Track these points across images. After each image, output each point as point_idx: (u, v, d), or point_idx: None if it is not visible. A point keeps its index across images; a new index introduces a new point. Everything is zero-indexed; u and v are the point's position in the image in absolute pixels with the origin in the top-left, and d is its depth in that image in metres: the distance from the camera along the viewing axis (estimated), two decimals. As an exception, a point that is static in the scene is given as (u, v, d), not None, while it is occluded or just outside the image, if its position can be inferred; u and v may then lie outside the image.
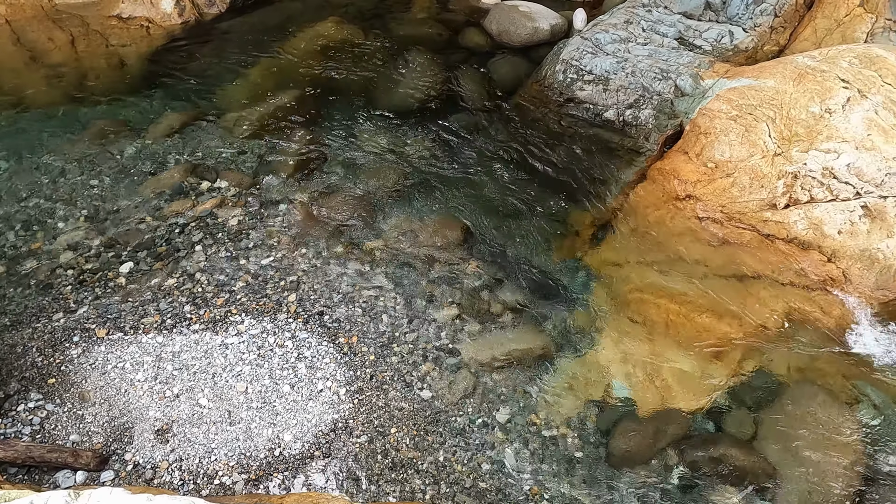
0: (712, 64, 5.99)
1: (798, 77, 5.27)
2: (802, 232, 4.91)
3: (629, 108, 5.98)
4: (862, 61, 5.22)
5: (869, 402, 4.23)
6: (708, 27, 6.55)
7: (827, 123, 5.00)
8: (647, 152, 5.82)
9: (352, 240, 5.11)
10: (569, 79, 6.29)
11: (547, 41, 7.24)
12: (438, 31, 7.60)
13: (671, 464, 3.99)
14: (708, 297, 4.86)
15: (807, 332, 4.66)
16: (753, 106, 5.31)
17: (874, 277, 4.72)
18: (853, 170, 4.85)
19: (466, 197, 5.59)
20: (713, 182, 5.28)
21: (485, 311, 4.70)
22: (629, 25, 6.65)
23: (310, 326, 4.40)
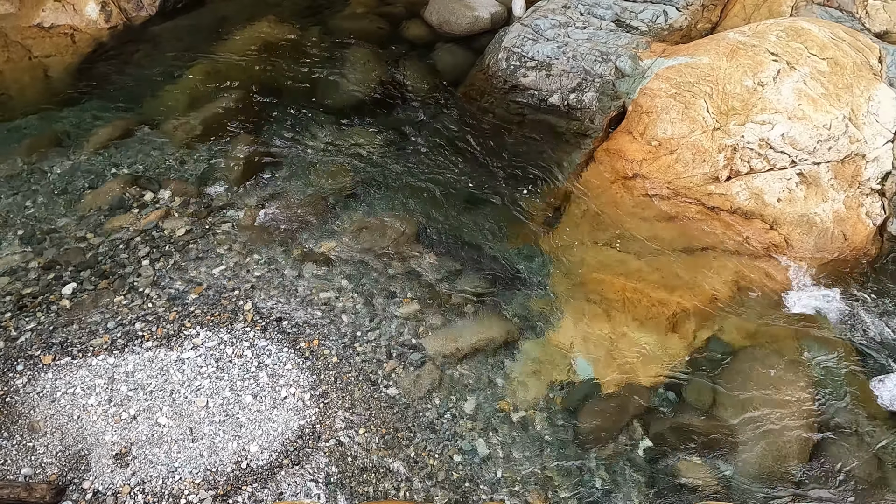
0: (649, 44, 6.12)
1: (731, 52, 5.44)
2: (745, 202, 5.09)
3: (573, 92, 6.05)
4: (789, 34, 5.42)
5: (815, 360, 4.43)
6: (643, 8, 6.68)
7: (760, 96, 5.18)
8: (594, 134, 5.92)
9: (306, 242, 5.03)
10: (512, 66, 6.32)
11: (488, 30, 7.25)
12: (379, 24, 7.52)
13: (637, 437, 4.09)
14: (661, 272, 4.99)
15: (755, 297, 4.85)
16: (691, 83, 5.46)
17: (813, 241, 4.94)
18: (787, 139, 5.04)
19: (419, 191, 5.56)
20: (658, 159, 5.41)
21: (445, 303, 4.70)
22: (567, 10, 6.73)
23: (269, 334, 4.31)
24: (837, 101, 5.04)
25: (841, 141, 4.97)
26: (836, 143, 4.97)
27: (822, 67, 5.16)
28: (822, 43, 5.32)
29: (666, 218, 5.32)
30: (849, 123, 4.98)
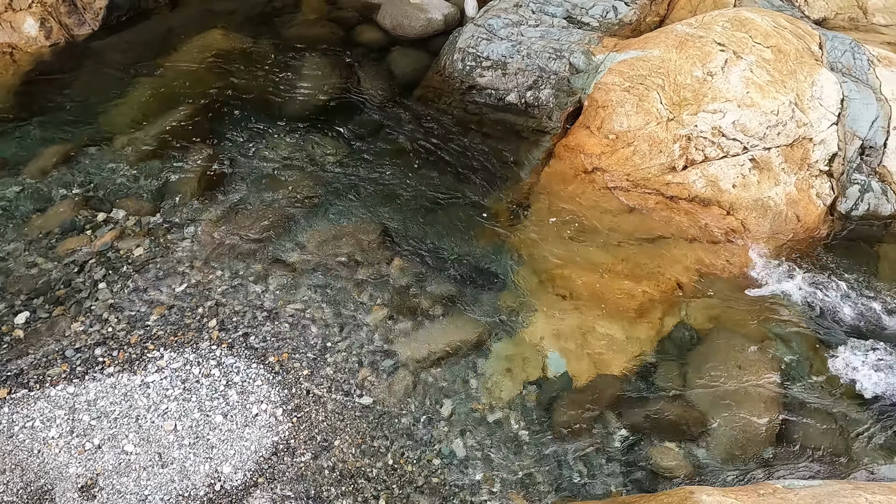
0: (601, 39, 6.21)
1: (680, 44, 5.56)
2: (702, 190, 5.21)
3: (529, 90, 6.10)
4: (733, 24, 5.57)
5: (777, 338, 4.56)
6: (593, 4, 6.78)
7: (710, 86, 5.31)
8: (552, 131, 5.98)
9: (269, 255, 4.94)
10: (468, 66, 6.34)
11: (442, 31, 7.26)
12: (332, 30, 7.45)
13: (612, 427, 4.14)
14: (626, 263, 5.07)
15: (717, 282, 4.96)
16: (643, 76, 5.56)
17: (768, 224, 5.09)
18: (738, 126, 5.18)
19: (382, 196, 5.53)
20: (616, 152, 5.49)
21: (415, 307, 4.68)
22: (519, 9, 6.78)
23: (236, 350, 4.22)
24: (783, 88, 5.20)
25: (789, 126, 5.13)
26: (784, 128, 5.13)
27: (766, 55, 5.32)
28: (766, 31, 5.49)
29: (627, 209, 5.41)
30: (795, 108, 5.14)
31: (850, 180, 5.22)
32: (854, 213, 5.19)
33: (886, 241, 5.21)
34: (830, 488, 2.84)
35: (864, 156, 5.24)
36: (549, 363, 4.48)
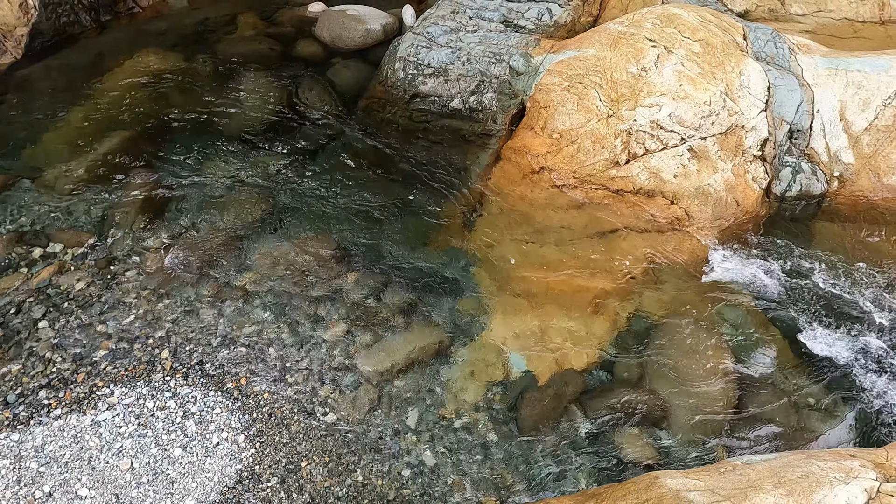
0: (538, 41, 6.33)
1: (613, 42, 5.72)
2: (645, 182, 5.36)
3: (472, 95, 6.16)
4: (662, 21, 5.77)
5: (728, 320, 4.72)
6: (528, 7, 6.91)
7: (645, 81, 5.48)
8: (498, 134, 6.05)
9: (220, 278, 4.81)
10: (410, 75, 6.35)
11: (382, 41, 7.26)
12: (270, 45, 7.35)
13: (577, 421, 4.19)
14: (579, 259, 5.16)
15: (667, 270, 5.11)
16: (581, 75, 5.69)
17: (710, 210, 5.27)
18: (675, 118, 5.36)
19: (333, 210, 5.47)
20: (561, 151, 5.60)
21: (374, 319, 4.64)
22: (456, 15, 6.84)
23: (191, 379, 4.08)
24: (713, 79, 5.41)
25: (721, 115, 5.33)
26: (717, 118, 5.34)
27: (695, 49, 5.53)
28: (693, 26, 5.70)
29: (576, 206, 5.51)
30: (726, 98, 5.36)
31: (782, 163, 5.46)
32: (788, 194, 5.43)
33: (820, 218, 5.47)
34: (785, 459, 2.95)
35: (792, 139, 5.50)
36: (512, 364, 4.51)
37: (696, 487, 2.79)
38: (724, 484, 2.81)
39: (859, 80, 5.50)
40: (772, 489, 2.67)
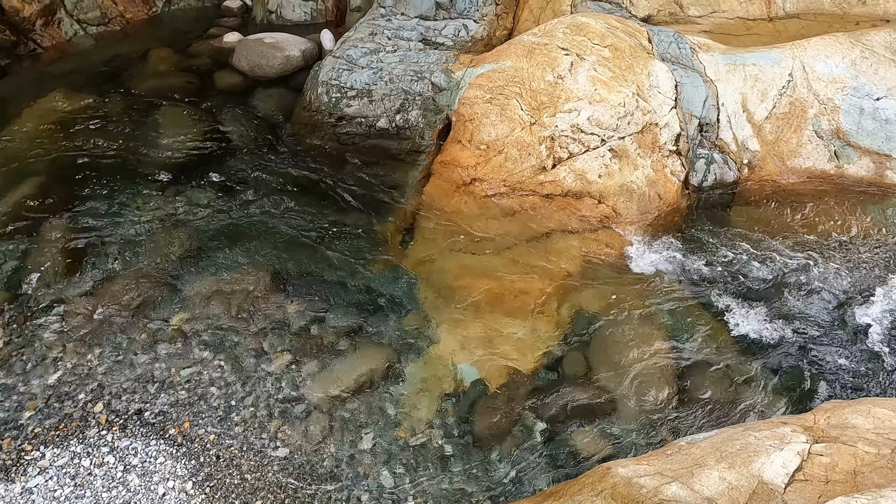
0: (457, 57, 6.48)
1: (528, 53, 5.92)
2: (572, 184, 5.55)
3: (398, 114, 6.22)
4: (573, 30, 6.03)
5: (661, 307, 4.93)
6: (444, 25, 7.07)
7: (563, 88, 5.70)
8: (427, 149, 6.13)
9: (153, 321, 4.62)
10: (333, 98, 6.35)
11: (302, 67, 7.24)
12: (187, 79, 7.19)
13: (530, 424, 4.26)
14: (517, 264, 5.27)
15: (602, 266, 5.29)
16: (501, 86, 5.86)
17: (636, 206, 5.51)
18: (594, 121, 5.59)
19: (266, 240, 5.37)
20: (490, 161, 5.72)
21: (319, 346, 4.57)
22: (375, 37, 6.91)
23: (130, 430, 3.89)
24: (625, 81, 5.69)
25: (636, 115, 5.61)
26: (632, 118, 5.61)
27: (605, 54, 5.80)
28: (601, 33, 5.98)
29: (510, 213, 5.64)
30: (638, 98, 5.64)
31: (696, 155, 5.79)
32: (705, 184, 5.75)
33: (736, 204, 5.80)
34: (725, 434, 3.10)
35: (703, 132, 5.84)
36: (462, 374, 4.54)
37: (646, 472, 2.89)
38: (672, 465, 2.92)
39: (756, 74, 5.90)
40: (715, 464, 2.79)
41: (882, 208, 5.51)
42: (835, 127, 5.75)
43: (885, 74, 5.73)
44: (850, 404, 3.19)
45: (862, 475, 2.59)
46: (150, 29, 8.27)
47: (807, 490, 2.57)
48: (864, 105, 5.69)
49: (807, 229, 5.43)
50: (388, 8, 7.22)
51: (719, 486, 2.67)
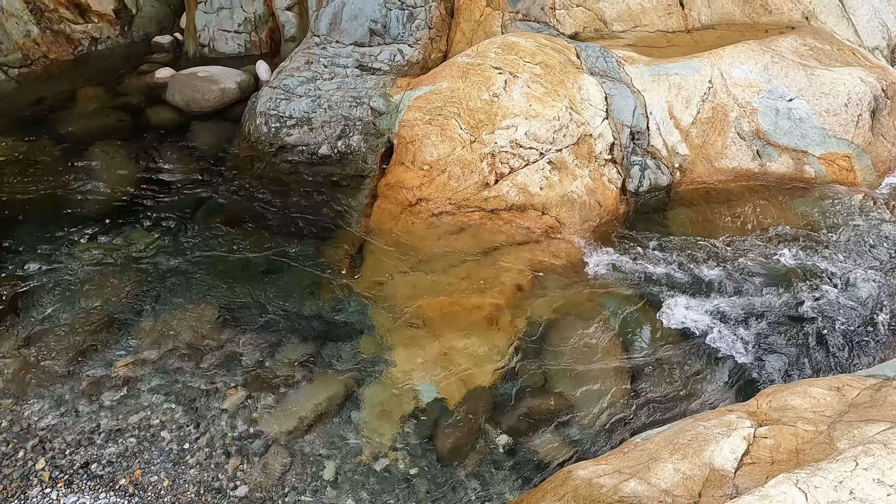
0: (394, 81, 6.58)
1: (463, 74, 6.07)
2: (516, 198, 5.69)
3: (339, 140, 6.25)
4: (504, 49, 6.22)
5: (610, 310, 5.08)
6: (380, 50, 7.17)
7: (499, 105, 5.86)
8: (371, 173, 6.16)
9: (96, 368, 4.44)
10: (273, 128, 6.33)
11: (239, 99, 7.19)
12: (119, 118, 7.03)
13: (493, 437, 4.28)
14: (468, 280, 5.33)
15: (550, 276, 5.41)
16: (440, 107, 5.97)
17: (578, 215, 5.68)
18: (531, 136, 5.76)
19: (213, 274, 5.26)
20: (434, 181, 5.80)
21: (273, 379, 4.48)
22: (311, 65, 6.94)
23: (77, 485, 3.70)
24: (557, 96, 5.90)
25: (571, 127, 5.81)
26: (568, 130, 5.81)
27: (537, 71, 6.01)
28: (532, 51, 6.20)
29: (457, 230, 5.71)
30: (571, 112, 5.85)
31: (631, 162, 6.03)
32: (641, 189, 5.99)
33: (671, 206, 6.06)
34: (677, 427, 3.21)
35: (635, 140, 6.10)
36: (422, 394, 4.53)
37: (605, 472, 2.95)
38: (629, 462, 3.00)
39: (679, 82, 6.23)
40: (669, 457, 2.89)
41: (803, 200, 5.87)
42: (755, 128, 6.11)
43: (794, 77, 6.15)
44: (789, 387, 3.36)
45: (803, 453, 2.73)
46: (76, 69, 8.05)
47: (755, 472, 2.69)
48: (779, 106, 6.08)
49: (737, 225, 5.73)
50: (323, 37, 7.27)
51: (674, 478, 2.76)
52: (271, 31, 8.27)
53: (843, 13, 7.62)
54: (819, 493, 1.96)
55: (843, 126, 6.02)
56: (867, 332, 4.84)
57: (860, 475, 2.01)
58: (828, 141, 6.03)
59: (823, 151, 6.04)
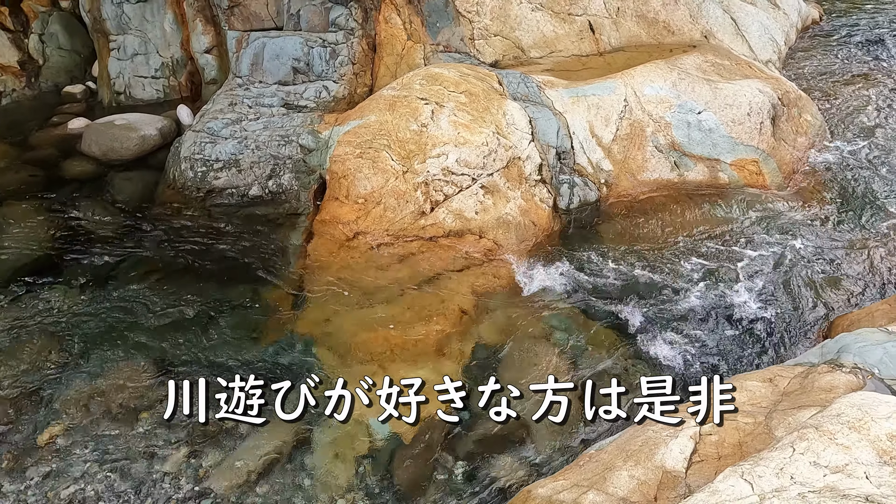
0: (322, 117, 6.57)
1: (390, 106, 6.15)
2: (453, 224, 5.75)
3: (270, 179, 6.15)
4: (428, 80, 6.35)
5: (554, 326, 5.17)
6: (305, 88, 7.15)
7: (428, 135, 5.95)
8: (305, 211, 6.08)
9: (19, 441, 4.11)
10: (199, 173, 6.16)
11: (161, 145, 6.98)
12: (29, 173, 6.66)
13: (451, 467, 4.23)
14: (412, 310, 5.31)
15: (493, 298, 5.47)
16: (369, 140, 6.00)
17: (514, 236, 5.80)
18: (462, 162, 5.87)
19: (145, 330, 5.01)
20: (370, 214, 5.79)
21: (218, 432, 4.28)
22: (235, 107, 6.84)
23: (3, 575, 3.38)
24: (484, 122, 6.06)
25: (499, 151, 5.96)
26: (497, 155, 5.96)
27: (462, 100, 6.16)
28: (455, 81, 6.36)
29: (397, 261, 5.70)
30: (499, 136, 6.01)
31: (560, 181, 6.24)
32: (572, 206, 6.19)
33: (602, 220, 6.29)
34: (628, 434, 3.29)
35: (561, 159, 6.32)
36: (374, 431, 4.44)
37: (564, 487, 2.98)
38: (586, 474, 3.04)
39: (597, 102, 6.53)
40: (623, 464, 2.95)
41: (720, 205, 6.24)
42: (670, 140, 6.47)
43: (700, 91, 6.58)
44: (726, 382, 3.51)
45: (746, 445, 2.85)
46: (-21, 125, 7.60)
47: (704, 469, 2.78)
48: (690, 119, 6.47)
49: (664, 232, 6.01)
50: (245, 78, 7.20)
51: (630, 484, 2.81)
52: (191, 75, 8.11)
53: (737, 31, 8.26)
54: (763, 481, 2.05)
55: (748, 133, 6.46)
56: (788, 323, 5.15)
57: (798, 460, 2.11)
58: (737, 148, 6.46)
59: (734, 158, 6.46)
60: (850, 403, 2.35)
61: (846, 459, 2.04)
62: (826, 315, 5.25)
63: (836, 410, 2.33)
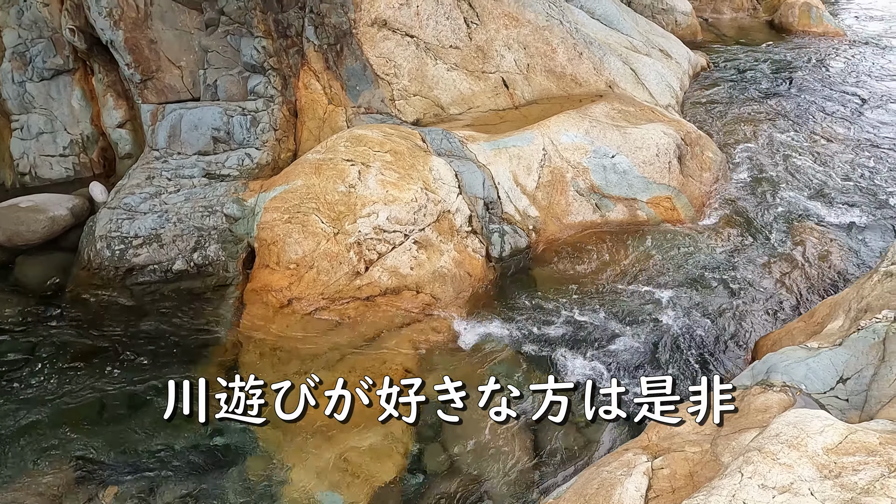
0: (246, 185, 6.46)
1: (316, 169, 6.14)
2: (388, 282, 5.71)
3: (194, 252, 5.93)
4: (353, 142, 6.42)
5: (497, 375, 5.13)
6: (227, 157, 7.04)
7: (356, 195, 5.96)
8: (235, 281, 5.88)
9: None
10: (117, 251, 5.86)
11: (73, 225, 6.61)
12: (-78, 267, 6.11)
13: (407, 534, 4.07)
14: (353, 372, 5.17)
15: (435, 352, 5.42)
16: (297, 205, 5.94)
17: (451, 288, 5.83)
18: (392, 220, 5.90)
19: (63, 425, 4.60)
20: (302, 279, 5.67)
21: (150, 532, 3.93)
22: (153, 180, 6.62)
23: None
24: (411, 179, 6.15)
25: (428, 206, 6.05)
26: (426, 210, 6.03)
27: (387, 159, 6.25)
28: (379, 141, 6.46)
29: (335, 325, 5.57)
30: (427, 192, 6.11)
31: (490, 231, 6.37)
32: (504, 254, 6.32)
33: (535, 265, 6.44)
34: (583, 478, 3.28)
35: (490, 210, 6.48)
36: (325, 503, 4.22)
37: (527, 542, 2.90)
38: (547, 526, 2.99)
39: (518, 153, 6.80)
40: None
41: (641, 241, 6.55)
42: (589, 184, 6.79)
43: (611, 137, 7.00)
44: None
45: (696, 474, 2.91)
46: None
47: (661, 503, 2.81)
48: (605, 163, 6.84)
49: (592, 271, 6.23)
50: (163, 150, 7.01)
51: (592, 530, 2.78)
52: (103, 151, 7.81)
53: (637, 80, 8.92)
54: (718, 511, 2.08)
55: (658, 172, 6.90)
56: (718, 349, 5.40)
57: (747, 484, 2.17)
58: (650, 187, 6.86)
59: (649, 196, 6.85)
60: (786, 422, 2.46)
61: (791, 478, 2.11)
62: (751, 336, 5.54)
63: (775, 430, 2.43)
